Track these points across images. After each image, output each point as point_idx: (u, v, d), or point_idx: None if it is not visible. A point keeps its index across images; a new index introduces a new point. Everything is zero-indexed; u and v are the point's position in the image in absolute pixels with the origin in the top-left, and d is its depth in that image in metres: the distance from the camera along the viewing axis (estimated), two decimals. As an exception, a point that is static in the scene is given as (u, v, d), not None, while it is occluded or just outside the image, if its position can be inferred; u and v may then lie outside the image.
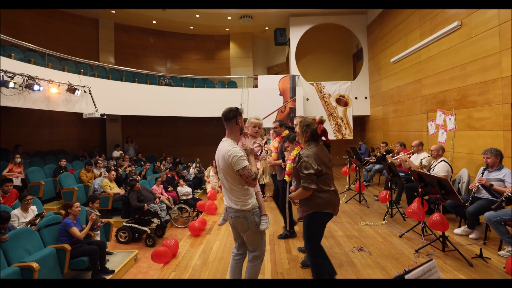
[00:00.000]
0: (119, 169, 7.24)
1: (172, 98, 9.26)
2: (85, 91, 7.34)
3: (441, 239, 3.29)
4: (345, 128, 9.66)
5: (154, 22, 10.99)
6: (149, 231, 5.16)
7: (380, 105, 9.00)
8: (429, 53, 6.21)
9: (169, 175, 7.40)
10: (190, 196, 6.55)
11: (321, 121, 2.34)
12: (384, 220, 4.43)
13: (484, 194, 3.50)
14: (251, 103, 9.46)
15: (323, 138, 2.41)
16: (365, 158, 7.19)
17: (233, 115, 2.17)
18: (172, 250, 3.40)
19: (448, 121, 5.65)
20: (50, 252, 3.30)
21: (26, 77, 5.84)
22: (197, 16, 10.39)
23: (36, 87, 5.95)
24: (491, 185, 3.37)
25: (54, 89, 6.51)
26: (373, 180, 7.31)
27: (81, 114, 7.41)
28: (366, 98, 9.86)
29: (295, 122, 3.77)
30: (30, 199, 4.01)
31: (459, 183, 4.39)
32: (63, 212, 4.19)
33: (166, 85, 9.64)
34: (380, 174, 7.36)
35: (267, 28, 11.35)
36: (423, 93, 6.57)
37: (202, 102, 9.52)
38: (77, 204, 3.85)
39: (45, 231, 3.67)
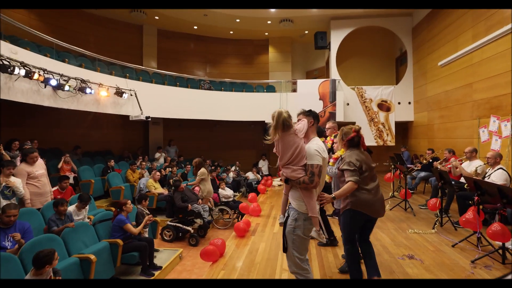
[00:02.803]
0: (162, 170, 7.65)
1: (212, 102, 9.51)
2: (131, 95, 7.65)
3: (500, 250, 3.14)
4: (387, 134, 9.36)
5: (195, 27, 11.33)
6: (192, 231, 5.35)
7: (425, 111, 8.61)
8: (483, 55, 5.87)
9: (210, 178, 7.65)
10: (231, 199, 6.78)
11: (356, 130, 2.57)
12: (433, 228, 4.28)
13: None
14: (290, 108, 9.47)
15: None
16: (408, 166, 6.94)
17: None
18: (219, 249, 3.53)
19: (503, 128, 5.29)
20: (104, 246, 3.48)
21: (79, 81, 6.12)
22: (237, 20, 10.55)
23: (88, 90, 6.25)
24: None
25: (104, 92, 6.77)
26: (417, 188, 7.02)
27: (127, 116, 7.72)
28: (409, 103, 9.48)
29: (327, 127, 3.83)
30: (87, 204, 4.14)
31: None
32: (113, 209, 4.46)
33: (207, 89, 9.97)
34: (425, 182, 7.05)
35: (306, 32, 11.37)
36: (474, 98, 6.21)
37: (240, 106, 9.69)
38: (129, 202, 4.06)
39: (99, 226, 3.90)
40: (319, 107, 9.37)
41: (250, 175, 9.68)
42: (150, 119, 7.84)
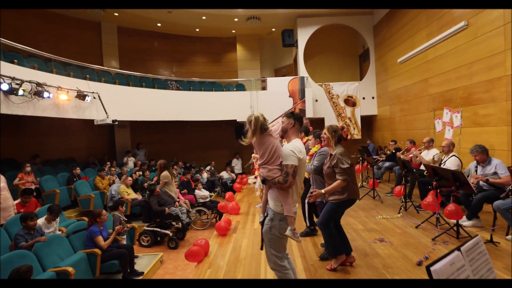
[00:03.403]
0: (133, 174, 7.41)
1: (181, 102, 9.30)
2: (94, 97, 7.15)
3: (455, 228, 3.52)
4: (354, 128, 9.88)
5: (159, 24, 10.88)
6: (171, 234, 5.31)
7: (387, 105, 9.22)
8: (436, 52, 6.44)
9: (184, 179, 7.58)
10: (208, 199, 6.77)
11: (343, 127, 2.96)
12: (399, 213, 4.67)
13: (487, 186, 3.77)
14: (261, 106, 9.67)
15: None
16: (374, 157, 7.41)
17: None
18: (204, 249, 3.58)
19: (454, 119, 5.87)
20: (81, 257, 3.40)
21: (35, 84, 5.58)
22: (203, 18, 10.38)
23: (45, 94, 5.76)
24: (487, 180, 3.66)
25: (64, 96, 6.25)
26: (382, 177, 7.53)
27: (89, 121, 7.22)
28: (373, 98, 10.08)
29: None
30: (58, 216, 4.01)
31: (467, 176, 4.61)
32: (86, 219, 4.33)
33: (175, 89, 9.68)
34: (389, 171, 7.57)
35: (274, 29, 11.53)
36: (430, 92, 6.79)
37: (211, 106, 9.59)
38: (104, 212, 3.96)
39: (73, 237, 3.77)
40: (289, 104, 9.61)
41: (225, 174, 9.68)
42: (117, 123, 7.46)
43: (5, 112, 5.18)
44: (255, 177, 9.80)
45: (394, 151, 6.76)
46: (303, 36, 10.23)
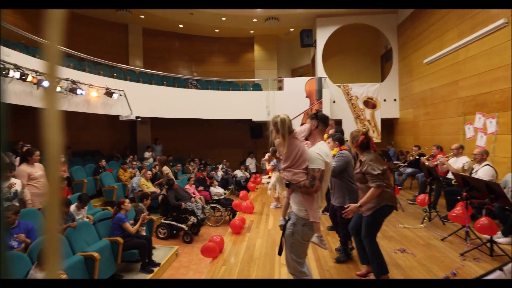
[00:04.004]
0: (152, 169, 7.55)
1: (199, 100, 9.46)
2: (120, 95, 7.62)
3: (488, 244, 3.24)
4: (373, 131, 9.53)
5: (181, 26, 11.19)
6: (186, 229, 5.41)
7: (411, 108, 8.82)
8: (468, 53, 6.04)
9: (200, 176, 7.64)
10: (222, 196, 6.76)
11: (364, 133, 2.72)
12: (422, 223, 4.39)
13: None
14: (277, 106, 9.54)
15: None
16: (395, 162, 7.09)
17: None
18: (219, 246, 3.58)
19: (488, 124, 5.47)
20: (106, 244, 3.60)
21: (70, 82, 6.19)
22: (223, 19, 10.49)
23: (79, 91, 6.33)
24: None
25: (94, 93, 6.83)
26: (403, 183, 7.20)
27: (114, 116, 7.71)
28: (395, 100, 9.69)
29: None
30: (86, 204, 4.33)
31: (504, 188, 4.27)
32: (110, 209, 4.58)
33: (193, 88, 9.92)
34: (412, 177, 7.23)
35: (292, 29, 11.39)
36: (460, 95, 6.39)
37: (227, 105, 9.66)
38: (127, 200, 4.15)
39: (99, 225, 3.99)
40: (306, 105, 9.42)
41: (239, 173, 9.64)
42: (140, 119, 7.83)
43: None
44: (269, 177, 9.75)
45: (417, 156, 6.42)
46: (322, 36, 10.01)
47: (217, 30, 11.66)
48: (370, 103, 9.64)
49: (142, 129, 11.07)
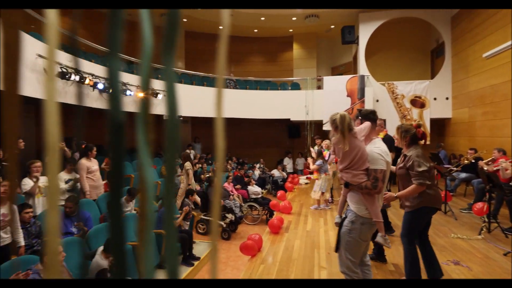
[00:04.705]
0: (193, 166, 7.88)
1: (237, 100, 9.61)
2: (164, 95, 8.11)
3: None
4: (421, 132, 8.86)
5: (221, 27, 11.55)
6: (224, 225, 5.52)
7: (466, 107, 8.03)
8: (537, 45, 5.34)
9: (238, 174, 7.78)
10: (260, 195, 6.81)
11: (418, 125, 2.58)
12: (480, 234, 3.97)
13: None
14: (316, 105, 9.34)
15: (422, 141, 2.62)
16: (446, 166, 6.50)
17: None
18: (258, 244, 3.61)
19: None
20: (151, 235, 3.81)
21: (120, 84, 6.75)
22: (262, 19, 10.55)
23: (128, 92, 6.81)
24: None
25: (141, 94, 7.39)
26: (456, 190, 6.58)
27: (158, 116, 8.19)
28: (447, 98, 8.89)
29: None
30: (134, 198, 4.58)
31: None
32: (155, 203, 4.85)
33: (232, 88, 10.15)
34: (466, 183, 6.59)
35: (333, 26, 11.05)
36: (526, 92, 5.67)
37: (266, 104, 9.71)
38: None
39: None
40: (347, 104, 9.09)
41: (276, 172, 9.64)
42: (182, 118, 8.15)
43: (100, 107, 6.32)
44: (307, 178, 9.60)
45: (473, 160, 5.82)
46: (365, 32, 9.55)
47: (256, 30, 11.76)
48: (418, 102, 8.98)
49: (183, 128, 11.56)
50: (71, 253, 2.83)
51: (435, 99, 8.91)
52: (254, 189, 6.93)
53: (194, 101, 9.00)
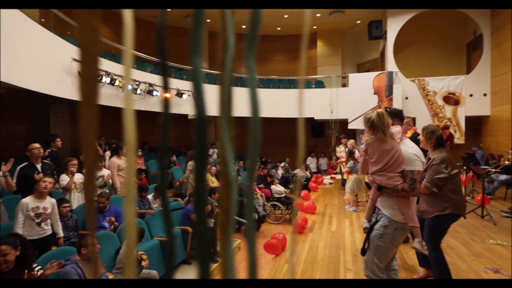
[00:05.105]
0: (217, 165, 8.01)
1: (260, 99, 9.59)
2: (189, 95, 8.25)
3: None
4: (455, 131, 8.35)
5: (244, 26, 11.60)
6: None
7: (507, 104, 7.44)
8: None
9: (261, 173, 7.77)
10: (283, 195, 6.78)
11: (446, 127, 2.47)
12: (522, 241, 3.67)
13: None
14: (341, 104, 9.11)
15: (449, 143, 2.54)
16: (484, 167, 6.07)
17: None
18: (282, 243, 3.61)
19: None
20: (177, 232, 3.96)
21: (148, 85, 7.04)
22: (285, 16, 10.45)
23: (154, 93, 7.12)
24: None
25: (167, 94, 7.68)
26: (495, 193, 6.14)
27: (181, 115, 8.41)
28: (485, 95, 8.30)
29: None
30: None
31: None
32: (180, 200, 5.04)
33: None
34: (506, 186, 6.12)
35: (358, 21, 10.71)
36: None
37: (289, 103, 9.56)
38: None
39: (171, 214, 4.43)
40: (373, 102, 8.77)
41: (299, 172, 9.51)
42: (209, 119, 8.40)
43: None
44: (331, 178, 9.40)
45: (515, 161, 5.39)
46: (393, 27, 9.15)
47: (279, 28, 11.67)
48: (451, 99, 8.47)
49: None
50: (104, 246, 2.99)
51: (471, 95, 8.35)
52: (277, 188, 6.92)
53: (217, 100, 9.12)
